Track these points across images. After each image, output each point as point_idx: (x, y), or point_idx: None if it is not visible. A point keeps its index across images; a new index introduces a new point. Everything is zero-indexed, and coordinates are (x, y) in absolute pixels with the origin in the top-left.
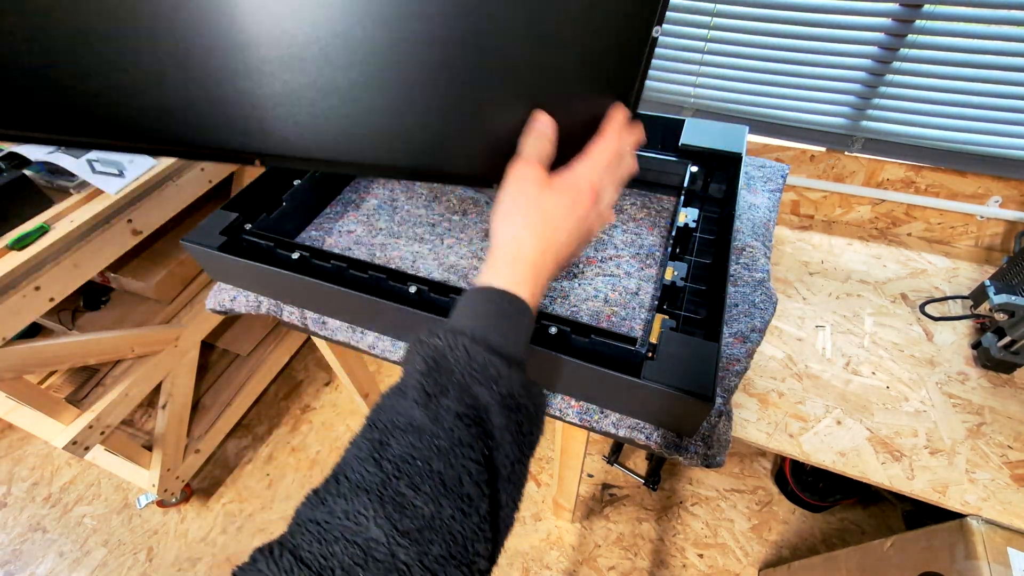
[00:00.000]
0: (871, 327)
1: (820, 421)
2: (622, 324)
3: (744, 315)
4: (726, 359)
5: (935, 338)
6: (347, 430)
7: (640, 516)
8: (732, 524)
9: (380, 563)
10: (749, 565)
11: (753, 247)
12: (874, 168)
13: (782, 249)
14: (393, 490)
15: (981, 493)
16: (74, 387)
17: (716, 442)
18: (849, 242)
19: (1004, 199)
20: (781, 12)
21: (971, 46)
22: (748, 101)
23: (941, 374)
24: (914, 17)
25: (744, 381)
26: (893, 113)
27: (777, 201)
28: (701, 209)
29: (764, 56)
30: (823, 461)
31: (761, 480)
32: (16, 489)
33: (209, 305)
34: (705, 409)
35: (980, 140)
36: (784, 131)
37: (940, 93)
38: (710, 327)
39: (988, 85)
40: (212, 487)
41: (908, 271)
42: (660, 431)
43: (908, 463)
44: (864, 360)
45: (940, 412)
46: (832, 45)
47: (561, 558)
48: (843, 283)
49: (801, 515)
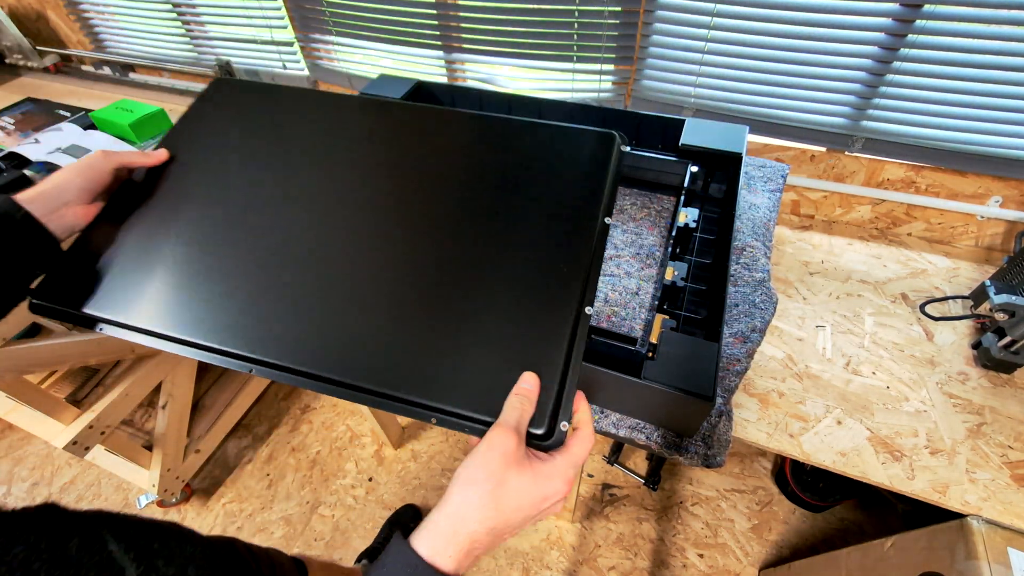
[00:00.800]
0: (871, 327)
1: (820, 421)
2: (622, 324)
3: (744, 315)
4: (726, 359)
5: (935, 338)
6: (347, 430)
7: (640, 516)
8: (732, 524)
9: None
10: (749, 565)
11: (753, 247)
12: (874, 168)
13: (782, 249)
14: None
15: (981, 493)
16: (74, 387)
17: (716, 442)
18: (849, 242)
19: (1004, 199)
20: (781, 12)
21: (971, 46)
22: (748, 101)
23: (941, 374)
24: (914, 17)
25: (744, 381)
26: (893, 113)
27: (777, 201)
28: (701, 209)
29: (764, 56)
30: (823, 461)
31: (761, 480)
32: (16, 489)
33: None
34: (705, 409)
35: (980, 140)
36: (784, 131)
37: (940, 93)
38: (710, 327)
39: (988, 85)
40: (212, 487)
41: (908, 271)
42: (660, 431)
43: (908, 463)
44: (864, 360)
45: (940, 412)
46: (832, 45)
47: (561, 558)
48: (843, 283)
49: (801, 515)
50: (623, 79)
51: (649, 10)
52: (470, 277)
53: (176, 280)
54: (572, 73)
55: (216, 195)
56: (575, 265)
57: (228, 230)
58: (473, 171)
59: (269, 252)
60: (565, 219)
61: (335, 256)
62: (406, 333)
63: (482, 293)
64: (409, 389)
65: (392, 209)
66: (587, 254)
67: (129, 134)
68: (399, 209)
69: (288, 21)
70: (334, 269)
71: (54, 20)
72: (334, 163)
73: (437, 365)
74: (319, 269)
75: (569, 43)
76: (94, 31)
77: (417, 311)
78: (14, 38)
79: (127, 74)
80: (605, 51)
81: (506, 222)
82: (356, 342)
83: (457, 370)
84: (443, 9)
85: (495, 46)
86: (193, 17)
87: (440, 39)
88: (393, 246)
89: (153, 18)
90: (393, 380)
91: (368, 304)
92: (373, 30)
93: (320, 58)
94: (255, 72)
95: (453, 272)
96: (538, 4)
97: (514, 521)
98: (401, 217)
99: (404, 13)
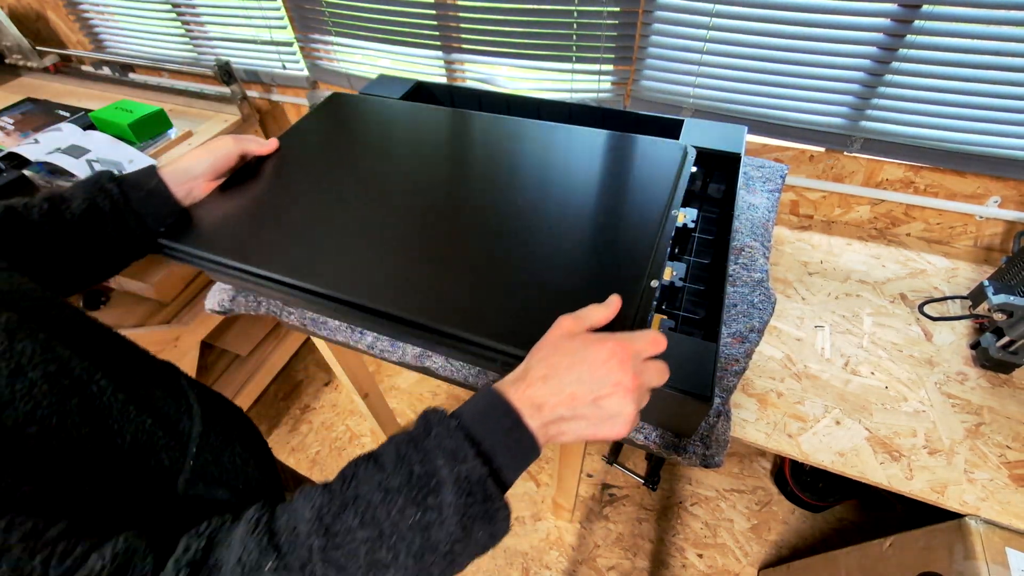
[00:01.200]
0: (870, 327)
1: (819, 421)
2: None
3: (743, 315)
4: (725, 359)
5: (934, 338)
6: (346, 430)
7: (640, 516)
8: (732, 524)
9: None
10: (749, 565)
11: (752, 247)
12: (873, 168)
13: (781, 249)
14: (341, 521)
15: (980, 493)
16: None
17: (715, 442)
18: (848, 242)
19: (1003, 199)
20: (780, 12)
21: (970, 46)
22: (747, 101)
23: (940, 374)
24: (913, 17)
25: (743, 381)
26: (892, 113)
27: (776, 201)
28: (700, 209)
29: (763, 56)
30: (822, 461)
31: (760, 480)
32: None
33: (209, 305)
34: (704, 409)
35: (979, 140)
36: (783, 131)
37: (939, 93)
38: (709, 327)
39: (987, 85)
40: None
41: (907, 271)
42: (659, 431)
43: (907, 463)
44: (863, 360)
45: (939, 412)
46: (831, 45)
47: (561, 558)
48: (842, 283)
49: (801, 515)
50: (622, 79)
51: (648, 10)
52: (559, 251)
53: (302, 233)
54: (571, 73)
55: (343, 171)
56: (645, 246)
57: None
58: (566, 171)
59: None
60: (637, 210)
61: (455, 231)
62: (499, 293)
63: (568, 263)
64: (498, 340)
65: (489, 195)
66: (655, 236)
67: (128, 134)
68: (496, 195)
69: (287, 21)
70: (460, 239)
71: (54, 20)
72: (430, 159)
73: (527, 320)
74: (454, 243)
75: (568, 43)
76: (94, 31)
77: (509, 277)
78: (14, 38)
79: (127, 74)
80: (604, 51)
81: (592, 211)
82: (468, 298)
83: (538, 324)
84: (442, 9)
85: (494, 46)
86: (193, 17)
87: (439, 39)
88: (496, 223)
89: (153, 18)
90: (485, 329)
91: (469, 267)
92: (372, 30)
93: (319, 58)
94: (254, 72)
95: (547, 248)
96: (537, 4)
97: (564, 378)
98: (496, 200)
99: (403, 13)
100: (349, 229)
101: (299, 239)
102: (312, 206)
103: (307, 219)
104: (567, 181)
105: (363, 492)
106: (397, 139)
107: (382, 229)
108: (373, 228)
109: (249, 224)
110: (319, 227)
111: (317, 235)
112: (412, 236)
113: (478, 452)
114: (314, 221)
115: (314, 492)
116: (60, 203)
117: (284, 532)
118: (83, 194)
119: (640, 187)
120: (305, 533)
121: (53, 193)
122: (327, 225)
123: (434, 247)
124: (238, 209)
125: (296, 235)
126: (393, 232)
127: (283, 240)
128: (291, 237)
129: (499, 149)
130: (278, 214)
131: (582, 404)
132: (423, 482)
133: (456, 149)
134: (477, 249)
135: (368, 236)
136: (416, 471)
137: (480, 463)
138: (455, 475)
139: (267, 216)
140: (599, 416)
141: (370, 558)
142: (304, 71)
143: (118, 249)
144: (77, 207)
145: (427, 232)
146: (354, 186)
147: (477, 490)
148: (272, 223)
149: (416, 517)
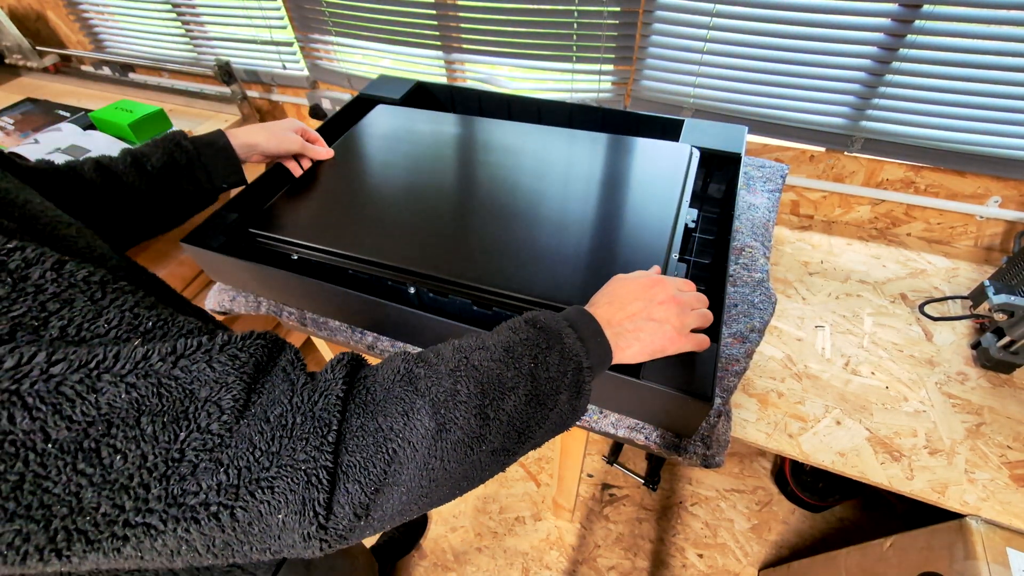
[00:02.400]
0: (870, 327)
1: (819, 421)
2: None
3: (743, 315)
4: (725, 359)
5: (935, 338)
6: None
7: (640, 516)
8: (732, 524)
9: None
10: (749, 565)
11: (752, 247)
12: (874, 168)
13: (782, 249)
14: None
15: (980, 493)
16: None
17: (715, 442)
18: (849, 242)
19: (1004, 199)
20: (780, 12)
21: (970, 46)
22: (747, 101)
23: (940, 374)
24: (913, 17)
25: (743, 381)
26: (892, 113)
27: (776, 201)
28: (700, 209)
29: (763, 56)
30: (822, 461)
31: (761, 480)
32: None
33: (209, 305)
34: (704, 409)
35: (979, 140)
36: (783, 131)
37: (939, 93)
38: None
39: (987, 85)
40: None
41: (908, 271)
42: (659, 431)
43: (907, 463)
44: (864, 360)
45: (939, 412)
46: (831, 45)
47: (561, 558)
48: (843, 283)
49: (801, 515)
50: (622, 79)
51: (648, 10)
52: (583, 243)
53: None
54: (571, 73)
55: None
56: (664, 228)
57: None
58: (590, 175)
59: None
60: (653, 203)
61: (498, 225)
62: (535, 277)
63: (592, 252)
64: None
65: (521, 195)
66: (671, 219)
67: (128, 134)
68: (527, 196)
69: (288, 21)
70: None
71: (54, 20)
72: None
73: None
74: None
75: (568, 43)
76: (94, 31)
77: (557, 256)
78: (14, 38)
79: (127, 74)
80: (604, 51)
81: (612, 209)
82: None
83: (579, 289)
84: (442, 9)
85: (494, 46)
86: (193, 17)
87: (439, 39)
88: (547, 212)
89: (153, 18)
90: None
91: (515, 256)
92: (373, 30)
93: (320, 58)
94: (254, 72)
95: (573, 240)
96: (537, 4)
97: (625, 300)
98: (528, 200)
99: (403, 13)
100: (408, 219)
101: (371, 226)
102: (373, 200)
103: (375, 211)
104: (589, 184)
105: (489, 341)
106: (441, 145)
107: (445, 218)
108: (434, 218)
109: (328, 215)
110: (384, 216)
111: (386, 223)
112: (461, 226)
113: (579, 336)
114: (378, 212)
115: (449, 342)
116: (140, 157)
117: (431, 353)
118: (161, 149)
119: (651, 188)
120: (449, 355)
121: (128, 150)
122: (392, 214)
123: (482, 238)
124: (311, 205)
125: (367, 223)
126: (449, 221)
127: (356, 225)
128: (362, 223)
129: (528, 155)
130: (346, 208)
131: (640, 318)
132: (540, 343)
133: (493, 155)
134: (519, 239)
135: (427, 225)
136: (534, 339)
137: (581, 345)
138: (561, 346)
139: (340, 209)
140: (652, 329)
141: (499, 384)
142: (304, 71)
143: (186, 201)
144: (157, 160)
145: (474, 225)
146: (406, 184)
147: (572, 365)
148: (343, 214)
149: (531, 366)
